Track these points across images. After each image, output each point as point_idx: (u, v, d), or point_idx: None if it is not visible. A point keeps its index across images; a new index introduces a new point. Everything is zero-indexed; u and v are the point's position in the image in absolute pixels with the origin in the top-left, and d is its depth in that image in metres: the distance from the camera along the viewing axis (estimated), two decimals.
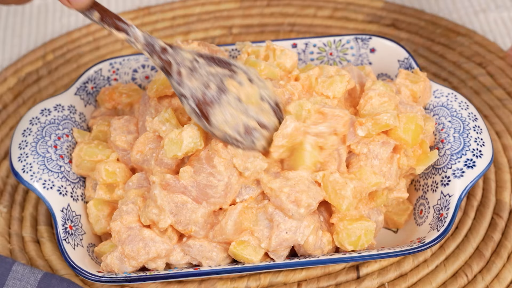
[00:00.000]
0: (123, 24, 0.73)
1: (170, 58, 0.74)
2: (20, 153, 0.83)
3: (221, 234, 0.76)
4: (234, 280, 0.81)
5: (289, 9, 1.10)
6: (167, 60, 0.74)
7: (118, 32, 0.73)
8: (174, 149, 0.77)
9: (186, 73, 0.74)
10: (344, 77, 0.81)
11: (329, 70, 0.83)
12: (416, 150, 0.81)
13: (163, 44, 0.75)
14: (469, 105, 0.85)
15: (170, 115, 0.80)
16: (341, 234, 0.77)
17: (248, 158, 0.76)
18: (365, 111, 0.80)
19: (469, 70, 1.01)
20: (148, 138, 0.81)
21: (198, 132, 0.76)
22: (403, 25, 1.07)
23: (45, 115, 0.86)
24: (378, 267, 0.83)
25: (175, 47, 0.75)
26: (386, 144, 0.79)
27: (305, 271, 0.82)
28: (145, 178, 0.81)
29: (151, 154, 0.80)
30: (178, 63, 0.74)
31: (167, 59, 0.74)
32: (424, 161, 0.81)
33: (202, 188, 0.76)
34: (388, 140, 0.79)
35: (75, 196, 0.83)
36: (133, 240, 0.76)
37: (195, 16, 1.10)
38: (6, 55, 1.07)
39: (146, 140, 0.81)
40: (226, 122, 0.74)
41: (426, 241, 0.77)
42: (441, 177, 0.81)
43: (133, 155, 0.81)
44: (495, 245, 0.84)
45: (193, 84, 0.74)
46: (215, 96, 0.74)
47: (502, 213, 0.86)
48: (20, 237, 0.87)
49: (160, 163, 0.79)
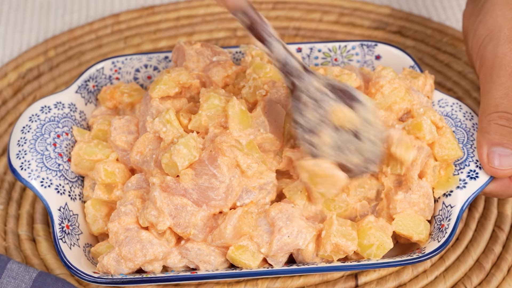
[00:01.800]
0: (268, 36, 0.73)
1: (301, 85, 0.74)
2: (19, 150, 0.83)
3: (220, 238, 0.76)
4: (231, 285, 0.81)
5: (294, 13, 1.09)
6: (297, 86, 0.74)
7: (260, 42, 0.73)
8: (174, 171, 0.76)
9: (311, 104, 0.74)
10: (351, 75, 0.83)
11: (333, 71, 0.84)
12: (439, 171, 0.81)
13: (299, 69, 0.74)
14: (474, 116, 0.85)
15: (171, 116, 0.79)
16: (361, 231, 0.76)
17: (251, 156, 0.76)
18: (376, 99, 0.81)
19: (475, 80, 1.00)
20: (148, 139, 0.80)
21: (187, 151, 0.75)
22: (409, 33, 1.07)
23: (45, 112, 0.86)
24: (377, 276, 0.82)
25: (310, 71, 0.75)
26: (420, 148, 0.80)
27: (303, 278, 0.81)
28: (144, 179, 0.80)
29: (151, 155, 0.79)
30: (308, 92, 0.74)
31: (298, 85, 0.74)
32: (444, 185, 0.81)
33: (203, 190, 0.75)
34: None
35: (73, 195, 0.83)
36: (131, 241, 0.75)
37: (199, 17, 1.09)
38: (7, 50, 1.06)
39: (146, 140, 0.80)
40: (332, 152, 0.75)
41: (426, 252, 0.76)
42: None
43: (133, 156, 0.80)
44: (496, 257, 0.84)
45: (313, 117, 0.74)
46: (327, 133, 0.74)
47: (503, 226, 0.86)
48: (16, 235, 0.87)
49: (160, 165, 0.78)
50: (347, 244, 0.75)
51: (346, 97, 0.75)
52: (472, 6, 0.88)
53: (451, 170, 0.81)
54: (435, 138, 0.80)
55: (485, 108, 0.80)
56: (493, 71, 0.80)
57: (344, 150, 0.75)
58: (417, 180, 0.79)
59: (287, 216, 0.76)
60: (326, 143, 0.74)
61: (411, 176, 0.79)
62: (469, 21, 0.87)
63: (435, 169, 0.80)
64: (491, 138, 0.78)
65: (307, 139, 0.75)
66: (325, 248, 0.76)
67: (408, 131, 0.80)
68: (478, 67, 0.84)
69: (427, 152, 0.79)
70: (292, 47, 0.93)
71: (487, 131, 0.79)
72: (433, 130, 0.80)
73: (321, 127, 0.74)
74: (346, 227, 0.76)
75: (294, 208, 0.77)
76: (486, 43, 0.82)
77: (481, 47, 0.83)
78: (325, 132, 0.74)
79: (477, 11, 0.86)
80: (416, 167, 0.78)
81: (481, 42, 0.83)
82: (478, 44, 0.83)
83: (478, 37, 0.83)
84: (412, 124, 0.80)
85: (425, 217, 0.80)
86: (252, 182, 0.77)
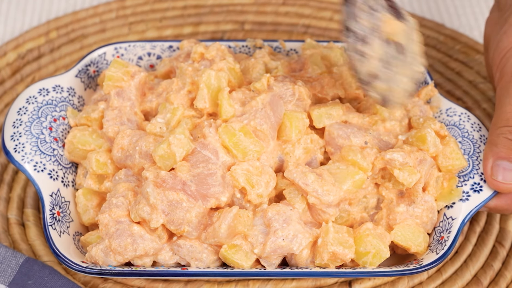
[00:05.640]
0: None
1: None
2: (14, 131, 0.81)
3: (213, 237, 0.75)
4: (222, 284, 0.80)
5: (305, 10, 1.08)
6: None
7: None
8: (169, 163, 0.75)
9: (367, 10, 0.73)
10: None
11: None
12: (442, 182, 0.79)
13: None
14: (482, 127, 0.84)
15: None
16: (358, 238, 0.75)
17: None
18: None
19: (485, 91, 0.99)
20: (129, 132, 0.79)
21: (187, 140, 0.75)
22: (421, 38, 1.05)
23: (43, 95, 0.85)
24: (372, 285, 0.81)
25: None
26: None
27: (295, 282, 0.80)
28: (132, 174, 0.78)
29: (134, 148, 0.78)
30: None
31: None
32: (447, 197, 0.79)
33: (202, 179, 0.74)
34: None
35: (66, 181, 0.81)
36: (121, 235, 0.74)
37: (207, 8, 1.08)
38: (8, 28, 1.05)
39: (125, 134, 0.79)
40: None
41: (424, 263, 0.75)
42: None
43: (114, 154, 0.79)
44: (494, 274, 0.83)
45: (367, 24, 0.73)
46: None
47: (504, 242, 0.85)
48: (5, 218, 0.86)
49: (145, 156, 0.76)
50: (344, 252, 0.74)
51: (395, 11, 0.75)
52: (497, 15, 0.87)
53: (455, 182, 0.79)
54: (439, 150, 0.79)
55: (496, 121, 0.78)
56: (511, 85, 0.79)
57: (391, 66, 0.74)
58: (422, 194, 0.77)
59: (284, 219, 0.75)
60: (376, 54, 0.73)
61: (415, 190, 0.77)
62: (493, 30, 0.86)
63: (438, 180, 0.79)
64: (498, 151, 0.77)
65: (358, 49, 0.73)
66: (322, 257, 0.74)
67: (411, 142, 0.78)
68: (497, 79, 0.82)
69: (430, 163, 0.78)
70: (300, 44, 0.91)
71: (495, 143, 0.77)
72: (437, 143, 0.79)
73: (373, 37, 0.73)
74: (342, 233, 0.75)
75: (292, 211, 0.76)
76: (508, 56, 0.81)
77: (503, 59, 0.81)
78: (377, 42, 0.73)
79: (502, 21, 0.84)
80: (420, 180, 0.76)
81: (504, 55, 0.81)
82: (500, 56, 0.81)
83: (501, 48, 0.82)
84: (416, 136, 0.79)
85: (426, 230, 0.78)
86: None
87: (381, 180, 0.79)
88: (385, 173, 0.78)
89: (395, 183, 0.78)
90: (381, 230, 0.76)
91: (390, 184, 0.78)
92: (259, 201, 0.76)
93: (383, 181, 0.79)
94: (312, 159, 0.80)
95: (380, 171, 0.78)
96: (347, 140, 0.78)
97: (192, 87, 0.82)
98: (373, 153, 0.77)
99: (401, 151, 0.76)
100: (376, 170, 0.77)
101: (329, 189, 0.75)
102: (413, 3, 1.10)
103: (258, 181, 0.75)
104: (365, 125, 0.80)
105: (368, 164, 0.76)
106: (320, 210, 0.76)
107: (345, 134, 0.79)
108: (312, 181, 0.75)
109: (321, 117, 0.80)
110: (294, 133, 0.78)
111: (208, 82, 0.79)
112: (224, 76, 0.80)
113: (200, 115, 0.81)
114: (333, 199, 0.75)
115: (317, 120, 0.80)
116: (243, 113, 0.78)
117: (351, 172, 0.76)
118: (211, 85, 0.79)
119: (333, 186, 0.75)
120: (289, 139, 0.78)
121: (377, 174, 0.78)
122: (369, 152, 0.77)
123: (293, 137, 0.78)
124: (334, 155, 0.79)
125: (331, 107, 0.80)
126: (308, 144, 0.79)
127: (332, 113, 0.80)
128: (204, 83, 0.79)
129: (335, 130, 0.79)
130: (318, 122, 0.80)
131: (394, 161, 0.76)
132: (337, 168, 0.77)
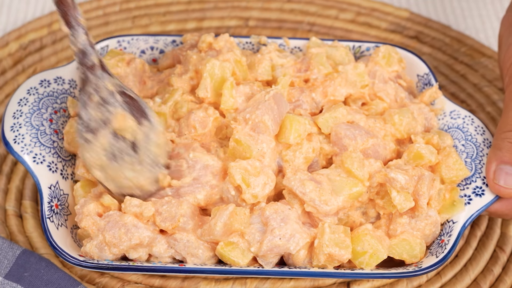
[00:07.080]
0: (75, 23, 0.73)
1: (93, 80, 0.74)
2: (14, 122, 0.81)
3: (209, 234, 0.74)
4: (219, 281, 0.79)
5: (310, 8, 1.07)
6: (89, 80, 0.74)
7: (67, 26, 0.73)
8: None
9: (97, 102, 0.74)
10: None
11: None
12: (444, 194, 0.78)
13: (96, 62, 0.74)
14: (486, 131, 0.83)
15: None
16: (355, 237, 0.75)
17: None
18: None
19: (490, 94, 0.98)
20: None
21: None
22: (427, 39, 1.05)
23: (44, 86, 0.84)
24: (370, 286, 0.80)
25: (107, 71, 0.75)
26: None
27: (293, 281, 0.80)
28: None
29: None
30: (97, 87, 0.74)
31: (90, 79, 0.74)
32: (449, 210, 0.78)
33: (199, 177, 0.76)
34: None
35: (65, 174, 0.81)
36: (114, 226, 0.74)
37: (211, 3, 1.08)
38: (10, 18, 1.05)
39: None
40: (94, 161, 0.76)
41: (423, 266, 0.75)
42: None
43: (66, 146, 0.80)
44: (494, 279, 0.82)
45: (96, 115, 0.74)
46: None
47: (505, 247, 0.84)
48: (3, 210, 0.85)
49: None
50: (340, 253, 0.73)
51: (136, 110, 0.76)
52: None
53: (456, 193, 0.79)
54: (438, 157, 0.78)
55: (502, 125, 0.78)
56: None
57: (118, 160, 0.75)
58: (426, 209, 0.76)
59: (282, 218, 0.74)
60: (101, 144, 0.74)
61: (420, 206, 0.76)
62: (506, 31, 0.85)
63: (440, 193, 0.78)
64: (502, 155, 0.76)
65: (83, 136, 0.75)
66: (319, 258, 0.73)
67: (407, 161, 0.78)
68: (506, 83, 0.81)
69: (429, 177, 0.76)
70: (304, 42, 0.90)
71: (499, 148, 0.77)
72: (433, 150, 0.78)
73: (100, 128, 0.74)
74: (338, 234, 0.74)
75: (290, 211, 0.75)
76: None
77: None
78: (103, 133, 0.74)
79: None
80: (424, 195, 0.75)
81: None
82: (511, 61, 0.80)
83: (510, 53, 0.81)
84: (411, 157, 0.78)
85: (426, 242, 0.77)
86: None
87: (375, 196, 0.77)
88: (381, 189, 0.77)
89: (387, 203, 0.77)
90: (381, 233, 0.76)
91: (382, 202, 0.77)
92: (253, 201, 0.75)
93: (377, 197, 0.77)
94: (313, 161, 0.79)
95: (378, 185, 0.77)
96: (353, 141, 0.78)
97: (195, 75, 0.82)
98: (376, 166, 0.76)
99: (406, 175, 0.74)
100: (374, 183, 0.76)
101: (327, 199, 0.74)
102: (420, 4, 1.10)
103: (254, 181, 0.75)
104: (372, 128, 0.80)
105: (364, 174, 0.75)
106: (317, 218, 0.75)
107: (352, 135, 0.78)
108: (309, 191, 0.74)
109: (327, 121, 0.79)
110: (293, 135, 0.76)
111: (212, 71, 0.79)
112: (228, 67, 0.79)
113: (199, 102, 0.81)
114: (330, 209, 0.74)
115: (324, 125, 0.79)
116: (247, 107, 0.77)
117: (349, 183, 0.75)
118: (214, 75, 0.79)
119: (331, 195, 0.74)
120: (287, 142, 0.77)
121: (374, 188, 0.77)
122: (372, 164, 0.76)
123: (291, 139, 0.76)
124: (338, 157, 0.78)
125: (334, 110, 0.79)
126: (309, 154, 0.77)
127: (337, 115, 0.79)
128: (207, 72, 0.79)
129: (342, 130, 0.78)
130: (326, 128, 0.79)
131: (396, 181, 0.74)
132: (338, 175, 0.76)
